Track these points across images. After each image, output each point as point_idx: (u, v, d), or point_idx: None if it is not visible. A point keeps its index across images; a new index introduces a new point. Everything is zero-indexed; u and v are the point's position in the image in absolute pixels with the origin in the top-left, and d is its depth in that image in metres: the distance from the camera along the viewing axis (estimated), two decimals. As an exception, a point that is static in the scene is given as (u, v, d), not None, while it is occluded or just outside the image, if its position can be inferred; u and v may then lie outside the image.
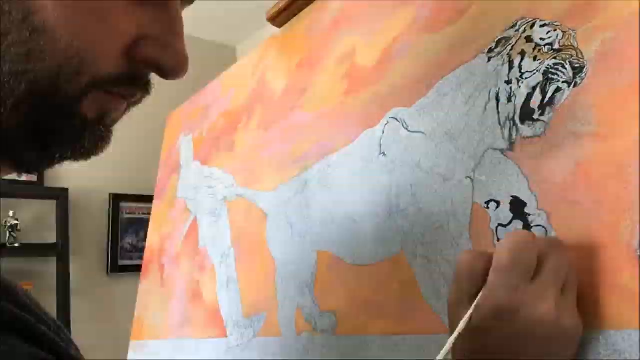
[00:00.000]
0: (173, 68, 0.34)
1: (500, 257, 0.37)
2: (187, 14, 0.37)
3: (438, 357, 0.37)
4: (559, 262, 0.37)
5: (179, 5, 0.35)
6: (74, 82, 0.31)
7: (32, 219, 2.12)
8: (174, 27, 0.34)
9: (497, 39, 0.50)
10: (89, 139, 0.33)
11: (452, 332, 0.38)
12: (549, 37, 0.46)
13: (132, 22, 0.32)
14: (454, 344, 0.38)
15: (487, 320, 0.37)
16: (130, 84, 0.34)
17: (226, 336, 0.76)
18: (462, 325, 0.37)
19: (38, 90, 0.30)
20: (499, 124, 0.48)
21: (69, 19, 0.29)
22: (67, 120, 0.32)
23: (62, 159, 0.34)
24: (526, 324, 0.35)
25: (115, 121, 0.35)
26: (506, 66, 0.48)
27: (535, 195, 0.43)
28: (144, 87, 0.35)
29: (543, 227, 0.42)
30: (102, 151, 0.35)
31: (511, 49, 0.49)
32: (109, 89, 0.33)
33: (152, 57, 0.33)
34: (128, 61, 0.32)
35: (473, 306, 0.37)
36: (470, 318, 0.37)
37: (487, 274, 0.38)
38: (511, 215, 0.45)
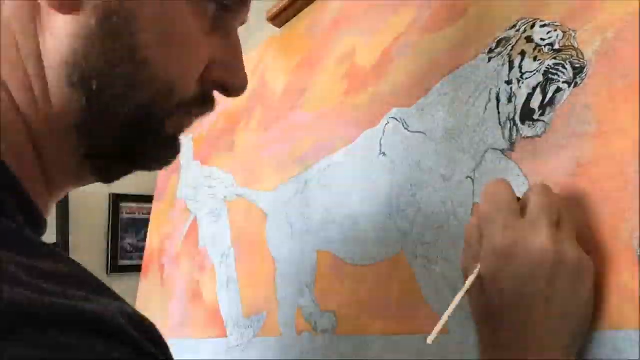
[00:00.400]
0: (237, 87, 0.39)
1: (482, 208, 0.39)
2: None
3: (446, 312, 0.37)
4: (544, 199, 0.37)
5: (236, 31, 0.39)
6: (164, 106, 0.35)
7: (32, 219, 2.11)
8: (237, 51, 0.39)
9: (497, 39, 0.50)
10: (167, 153, 0.39)
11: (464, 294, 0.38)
12: (549, 38, 0.46)
13: (207, 49, 0.37)
14: (471, 305, 0.39)
15: (490, 267, 0.37)
16: (202, 104, 0.39)
17: (226, 336, 0.76)
18: (470, 279, 0.38)
19: (136, 115, 0.34)
20: (500, 124, 0.48)
21: (165, 54, 0.34)
22: (155, 139, 0.37)
23: (139, 170, 0.39)
24: (526, 258, 0.35)
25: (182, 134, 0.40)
26: (506, 66, 0.48)
27: (535, 195, 0.43)
28: (211, 105, 0.40)
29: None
30: (173, 161, 0.40)
31: (511, 49, 0.49)
32: (187, 109, 0.38)
33: (221, 78, 0.38)
34: (202, 83, 0.37)
35: (480, 262, 0.38)
36: (479, 275, 0.38)
37: None
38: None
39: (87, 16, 0.32)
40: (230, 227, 0.84)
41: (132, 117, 0.34)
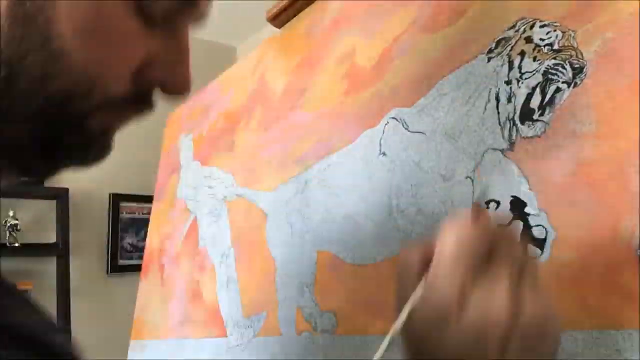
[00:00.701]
0: (176, 89, 0.36)
1: (444, 246, 0.32)
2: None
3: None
4: (510, 248, 0.33)
5: (188, 30, 0.37)
6: (84, 102, 0.32)
7: (32, 219, 2.11)
8: (181, 52, 0.36)
9: (496, 40, 0.50)
10: (94, 150, 0.36)
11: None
12: (549, 38, 0.46)
13: (142, 47, 0.34)
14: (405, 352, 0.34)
15: (431, 322, 0.32)
16: (137, 103, 0.36)
17: (226, 336, 0.76)
18: (398, 323, 0.32)
19: (50, 108, 0.32)
20: (499, 124, 0.48)
21: (85, 46, 0.31)
22: (75, 135, 0.34)
23: (67, 167, 0.36)
24: (478, 318, 0.30)
25: (116, 131, 0.37)
26: (506, 66, 0.48)
27: (535, 195, 0.43)
28: (149, 105, 0.37)
29: (543, 227, 0.42)
30: (104, 159, 0.37)
31: (511, 50, 0.49)
32: (119, 107, 0.35)
33: (157, 77, 0.35)
34: (135, 82, 0.34)
35: (408, 303, 0.32)
36: (407, 319, 0.32)
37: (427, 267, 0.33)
38: (511, 215, 0.45)
39: None
40: (230, 227, 0.84)
41: (45, 109, 0.32)
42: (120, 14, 0.32)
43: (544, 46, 0.46)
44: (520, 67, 0.47)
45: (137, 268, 1.23)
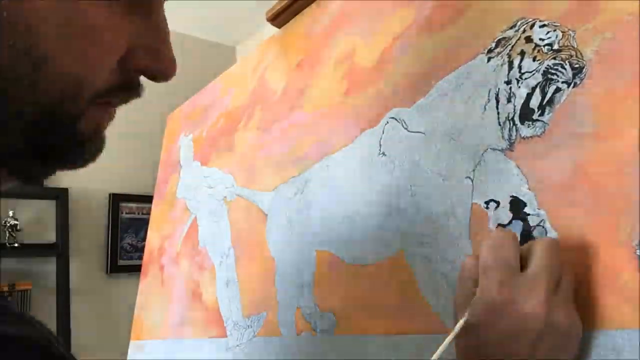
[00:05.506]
0: (163, 73, 0.35)
1: (483, 256, 0.39)
2: (188, 14, 0.38)
3: (434, 357, 0.37)
4: (547, 259, 0.37)
5: (162, 10, 0.36)
6: (75, 103, 0.32)
7: (32, 219, 2.12)
8: (160, 34, 0.35)
9: (496, 39, 0.50)
10: (87, 151, 0.35)
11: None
12: (549, 38, 0.46)
13: (123, 36, 0.33)
14: (455, 344, 0.39)
15: (481, 317, 0.37)
16: (124, 91, 0.35)
17: (226, 336, 0.76)
18: (459, 324, 0.38)
19: (42, 116, 0.31)
20: (499, 124, 0.48)
21: (68, 47, 0.30)
22: (69, 139, 0.33)
23: (64, 169, 0.36)
24: (516, 318, 0.36)
25: (106, 127, 0.37)
26: (506, 66, 0.48)
27: (535, 195, 0.43)
28: (137, 92, 0.36)
29: (543, 227, 0.42)
30: (99, 156, 0.36)
31: (511, 49, 0.49)
32: (106, 101, 0.34)
33: (144, 65, 0.34)
34: (121, 71, 0.33)
35: (469, 308, 0.38)
36: (468, 318, 0.38)
37: None
38: (511, 215, 0.45)
39: None
40: (230, 227, 0.84)
41: (38, 119, 0.31)
42: (98, 4, 0.31)
43: (544, 46, 0.46)
44: (520, 67, 0.47)
45: (137, 268, 1.23)
